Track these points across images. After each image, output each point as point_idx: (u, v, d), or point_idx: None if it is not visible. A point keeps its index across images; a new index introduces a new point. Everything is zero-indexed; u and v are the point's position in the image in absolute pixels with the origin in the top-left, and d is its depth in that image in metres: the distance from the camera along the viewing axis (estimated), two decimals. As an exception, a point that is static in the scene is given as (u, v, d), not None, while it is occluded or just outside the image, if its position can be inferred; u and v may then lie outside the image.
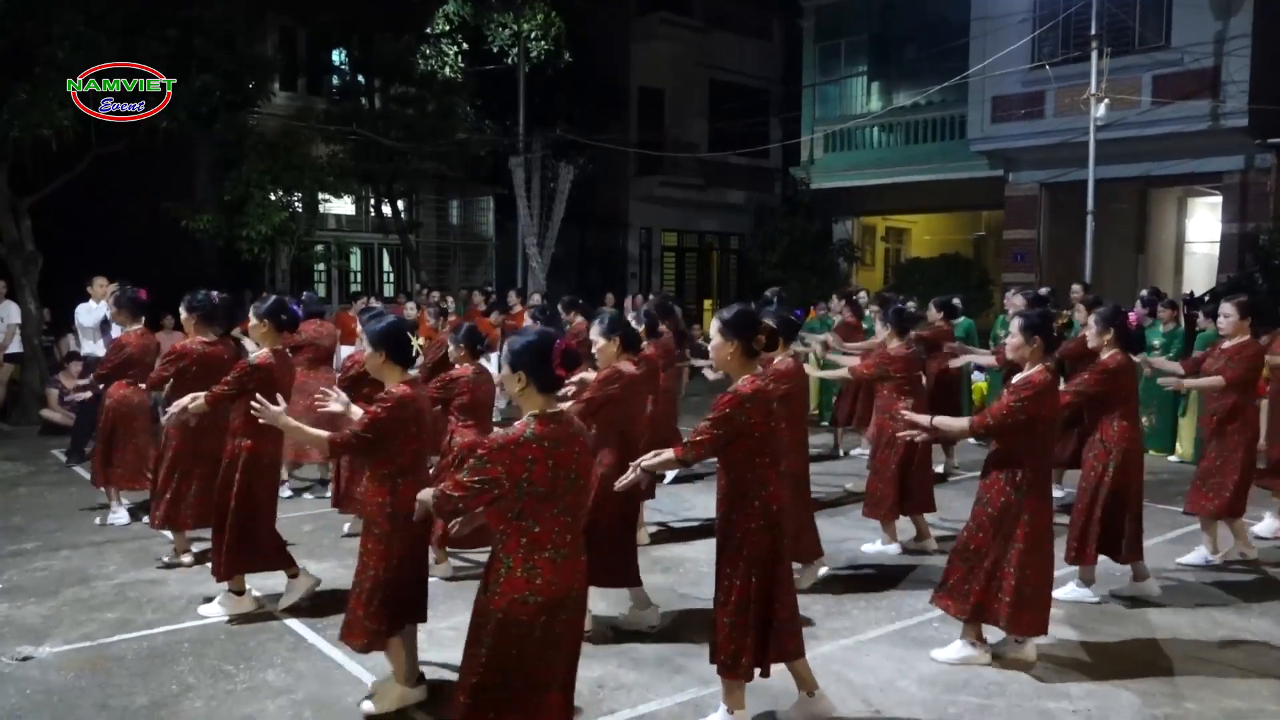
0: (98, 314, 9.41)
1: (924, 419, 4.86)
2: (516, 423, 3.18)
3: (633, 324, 6.01)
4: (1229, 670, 4.74)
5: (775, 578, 3.90)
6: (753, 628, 3.84)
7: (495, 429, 5.14)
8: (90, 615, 5.36)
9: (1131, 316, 5.73)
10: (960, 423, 4.82)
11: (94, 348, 9.45)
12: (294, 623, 5.23)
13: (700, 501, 7.72)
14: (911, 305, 11.77)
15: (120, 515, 7.29)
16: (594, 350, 5.24)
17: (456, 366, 5.88)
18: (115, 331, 9.48)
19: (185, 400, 5.34)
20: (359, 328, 4.47)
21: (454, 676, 4.32)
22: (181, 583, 5.92)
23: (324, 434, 4.23)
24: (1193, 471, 6.66)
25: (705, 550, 6.54)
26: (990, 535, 4.58)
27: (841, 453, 10.18)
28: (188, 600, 5.59)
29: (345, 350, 11.11)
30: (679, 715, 4.21)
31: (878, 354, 6.71)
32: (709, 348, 4.09)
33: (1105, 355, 5.55)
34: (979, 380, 11.06)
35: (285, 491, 7.75)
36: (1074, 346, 7.40)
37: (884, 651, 4.94)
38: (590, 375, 5.37)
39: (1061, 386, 5.96)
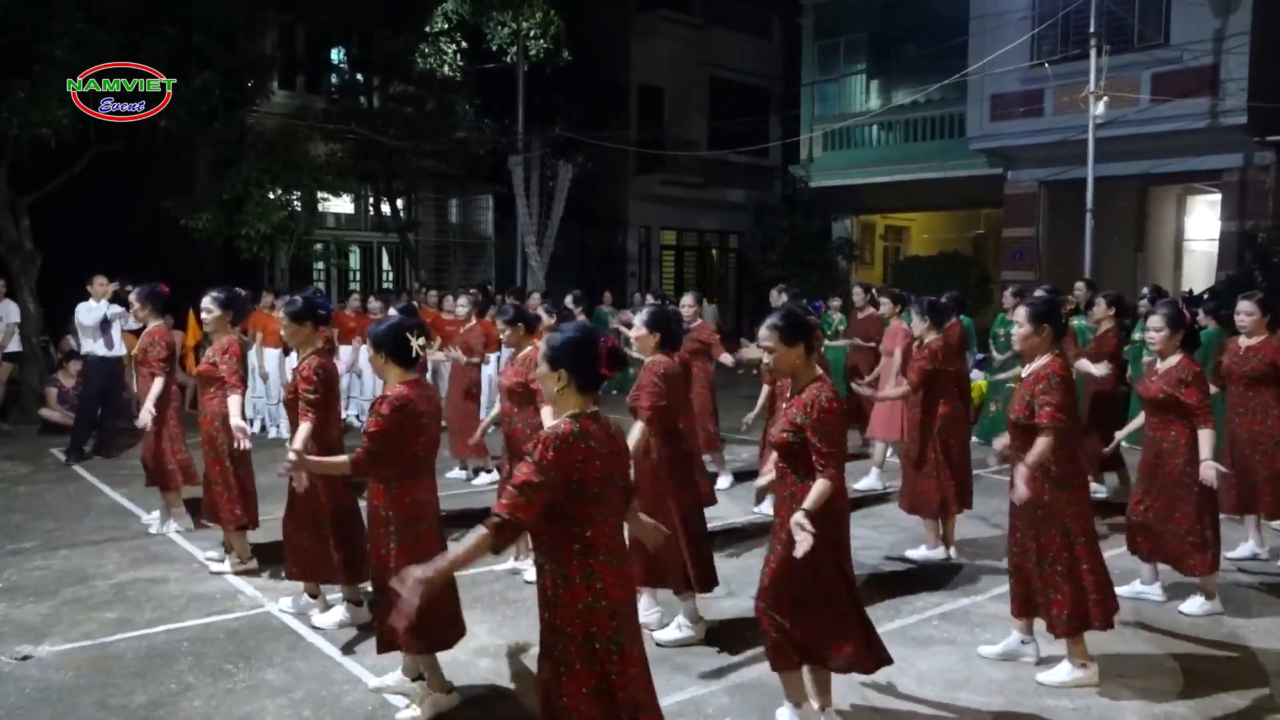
0: (98, 313, 9.39)
1: (1022, 468, 4.35)
2: (560, 422, 2.99)
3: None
4: (1230, 669, 4.73)
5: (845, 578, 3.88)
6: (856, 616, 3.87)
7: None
8: (89, 614, 5.36)
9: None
10: (1040, 446, 4.34)
11: (93, 347, 9.44)
12: (293, 622, 5.23)
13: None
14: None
15: (174, 526, 7.04)
16: (633, 339, 5.20)
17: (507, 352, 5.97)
18: (116, 329, 9.48)
19: (303, 435, 4.91)
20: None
21: (449, 676, 4.33)
22: (181, 582, 5.92)
23: (344, 459, 4.23)
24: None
25: (721, 557, 6.54)
26: (1044, 539, 4.44)
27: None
28: (187, 600, 5.59)
29: (345, 350, 11.13)
30: (678, 713, 4.20)
31: (920, 354, 6.48)
32: (766, 358, 3.93)
33: (1179, 358, 5.26)
34: (978, 379, 11.06)
35: None
36: (1107, 345, 7.39)
37: (884, 650, 4.93)
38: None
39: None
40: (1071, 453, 4.50)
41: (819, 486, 3.66)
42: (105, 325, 9.40)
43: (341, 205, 18.67)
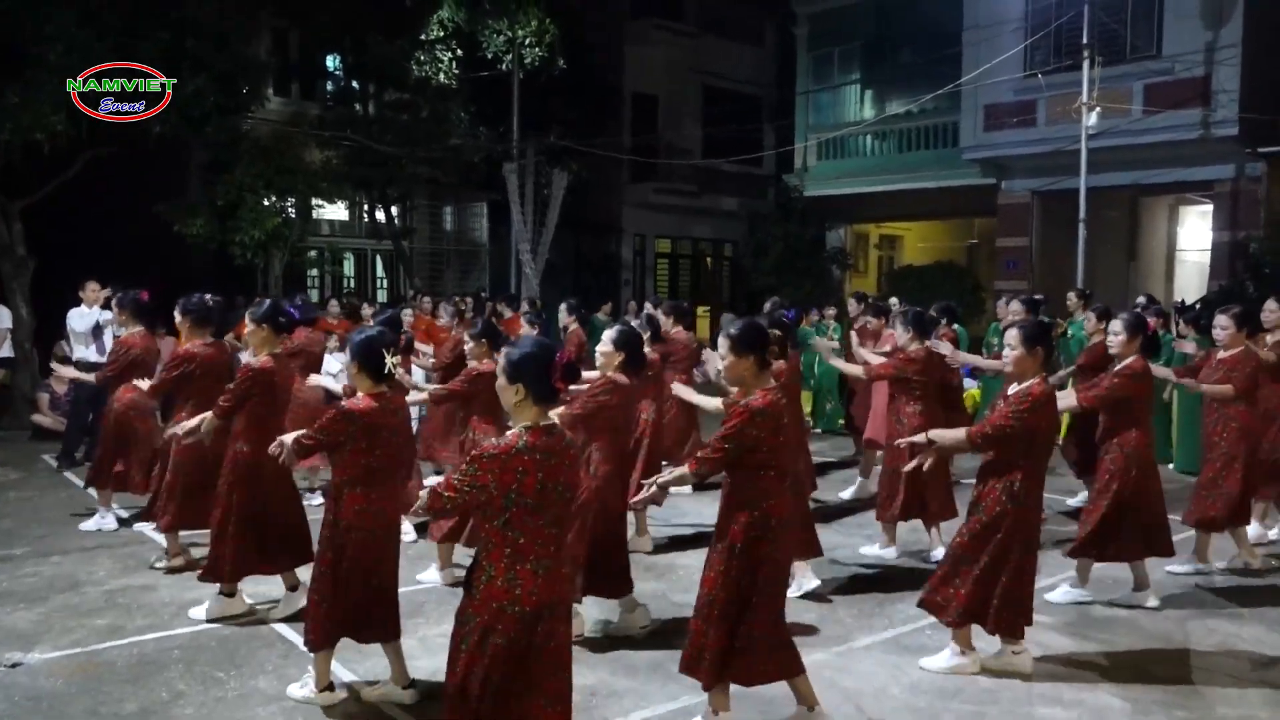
0: (90, 319, 9.36)
1: (920, 436, 4.85)
2: (509, 432, 3.18)
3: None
4: (1221, 677, 4.74)
5: (755, 590, 3.88)
6: (722, 636, 3.88)
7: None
8: (80, 621, 5.33)
9: (1150, 322, 5.76)
10: (958, 434, 4.75)
11: (86, 352, 9.41)
12: (285, 629, 5.21)
13: (693, 509, 7.70)
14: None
15: (109, 521, 7.24)
16: (598, 352, 5.22)
17: (473, 364, 5.98)
18: (109, 335, 9.45)
19: (193, 422, 5.39)
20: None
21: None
22: (172, 589, 5.89)
23: (290, 436, 4.32)
24: (1184, 481, 6.67)
25: (697, 558, 6.53)
26: (982, 542, 4.57)
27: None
28: (178, 606, 5.56)
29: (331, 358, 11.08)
30: (671, 722, 4.20)
31: (898, 355, 6.67)
32: (719, 365, 4.08)
33: (1130, 359, 5.54)
34: (971, 387, 11.07)
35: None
36: (1095, 355, 7.45)
37: (876, 658, 4.94)
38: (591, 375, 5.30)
39: (1070, 391, 6.00)
40: (1038, 475, 4.64)
41: (679, 471, 3.99)
42: (97, 331, 9.38)
43: (336, 212, 18.66)
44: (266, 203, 14.38)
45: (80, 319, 9.42)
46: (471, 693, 3.12)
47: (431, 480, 5.89)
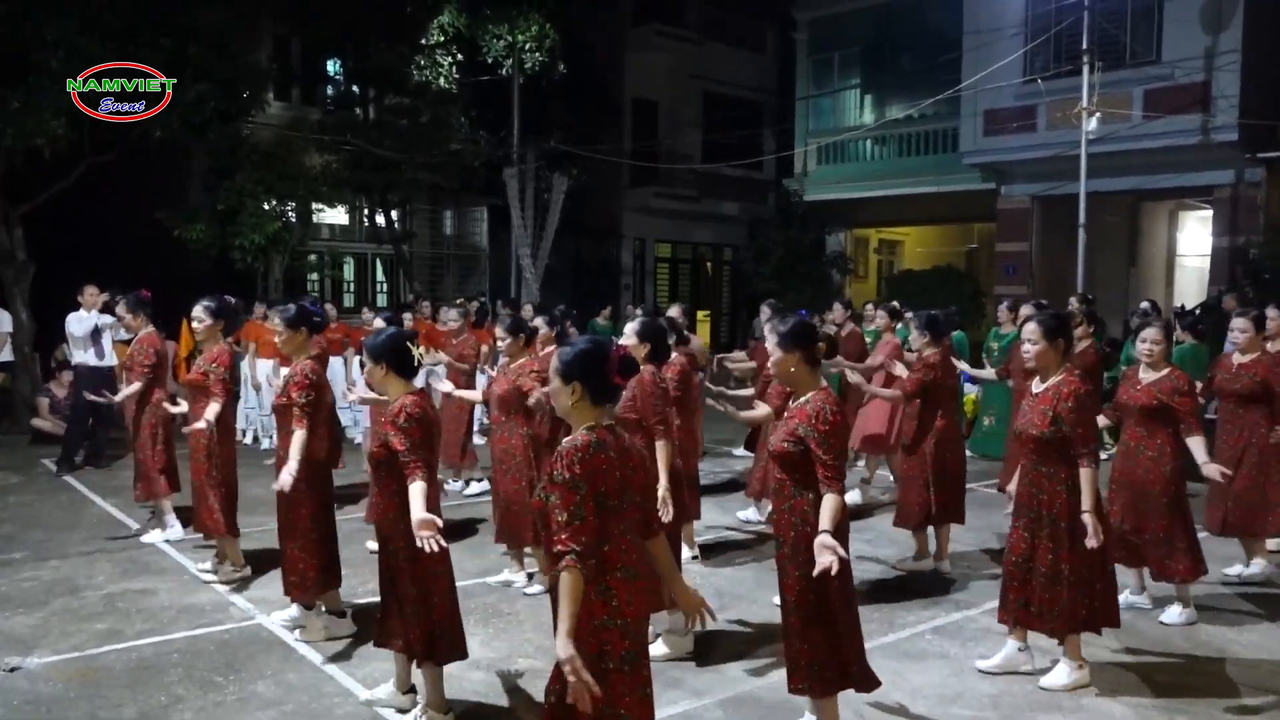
0: (88, 323, 9.37)
1: (1088, 520, 4.36)
2: (577, 434, 2.95)
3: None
4: (1222, 685, 4.73)
5: (835, 593, 3.77)
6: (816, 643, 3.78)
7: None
8: (79, 626, 5.33)
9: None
10: (1088, 479, 4.37)
11: (84, 357, 9.41)
12: (284, 634, 5.21)
13: (705, 515, 7.63)
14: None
15: (176, 529, 7.02)
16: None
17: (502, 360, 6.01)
18: (108, 339, 9.45)
19: (295, 448, 4.95)
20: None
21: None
22: (172, 593, 5.89)
23: (423, 486, 3.91)
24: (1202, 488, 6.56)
25: (694, 565, 6.54)
26: (1069, 547, 4.46)
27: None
28: (177, 611, 5.56)
29: (334, 360, 11.10)
30: (671, 728, 4.19)
31: (916, 364, 6.49)
32: (770, 363, 3.96)
33: (1169, 369, 5.39)
34: (971, 392, 11.08)
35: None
36: (1087, 361, 7.44)
37: (877, 664, 4.88)
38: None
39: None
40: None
41: (831, 503, 3.57)
42: (96, 335, 9.38)
43: (336, 216, 18.67)
44: (266, 207, 14.40)
45: (79, 323, 9.41)
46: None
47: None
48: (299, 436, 4.92)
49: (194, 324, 6.16)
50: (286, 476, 4.83)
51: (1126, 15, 15.79)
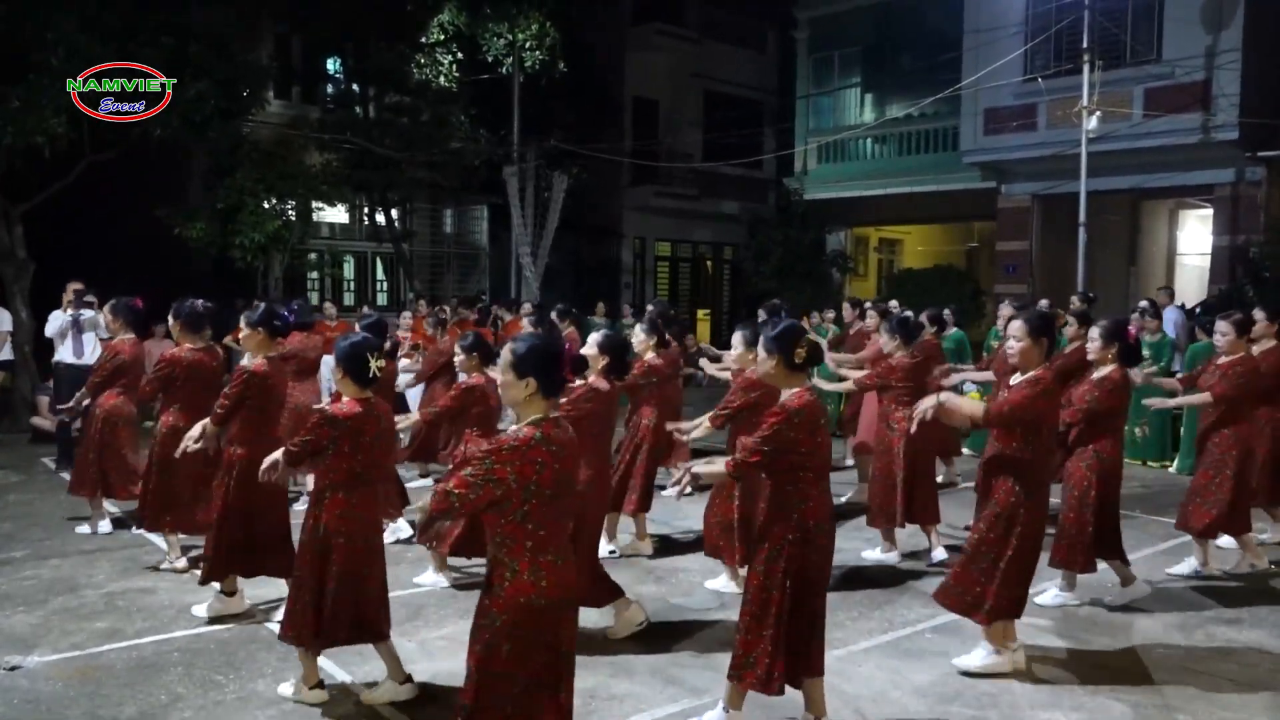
0: (58, 320, 9.41)
1: (931, 398, 4.74)
2: (521, 427, 3.13)
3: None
4: (1221, 681, 4.74)
5: (806, 592, 3.88)
6: (771, 640, 3.83)
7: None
8: (79, 624, 5.33)
9: (1130, 330, 5.72)
10: (973, 406, 4.76)
11: (62, 354, 9.42)
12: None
13: (695, 512, 7.65)
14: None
15: (104, 525, 7.23)
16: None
17: (464, 376, 6.03)
18: (89, 337, 9.39)
19: (195, 432, 5.36)
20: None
21: (444, 684, 4.34)
22: (171, 592, 5.89)
23: (278, 454, 4.34)
24: (1184, 483, 6.65)
25: (698, 561, 6.55)
26: (998, 535, 4.58)
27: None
28: (177, 610, 5.56)
29: (328, 360, 11.08)
30: (671, 726, 4.20)
31: (881, 364, 6.70)
32: (757, 363, 4.11)
33: (1109, 369, 5.51)
34: (972, 390, 11.07)
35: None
36: (1072, 360, 7.41)
37: (876, 662, 4.93)
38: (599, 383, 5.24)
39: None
40: (1045, 466, 4.68)
41: (716, 468, 3.98)
42: (78, 331, 9.33)
43: (336, 215, 18.67)
44: (266, 206, 14.40)
45: (51, 321, 9.47)
46: (501, 692, 3.09)
47: (416, 484, 5.95)
48: (204, 423, 5.30)
49: (239, 335, 6.16)
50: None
51: (1127, 14, 15.78)
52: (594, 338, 5.32)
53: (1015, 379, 4.70)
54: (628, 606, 5.24)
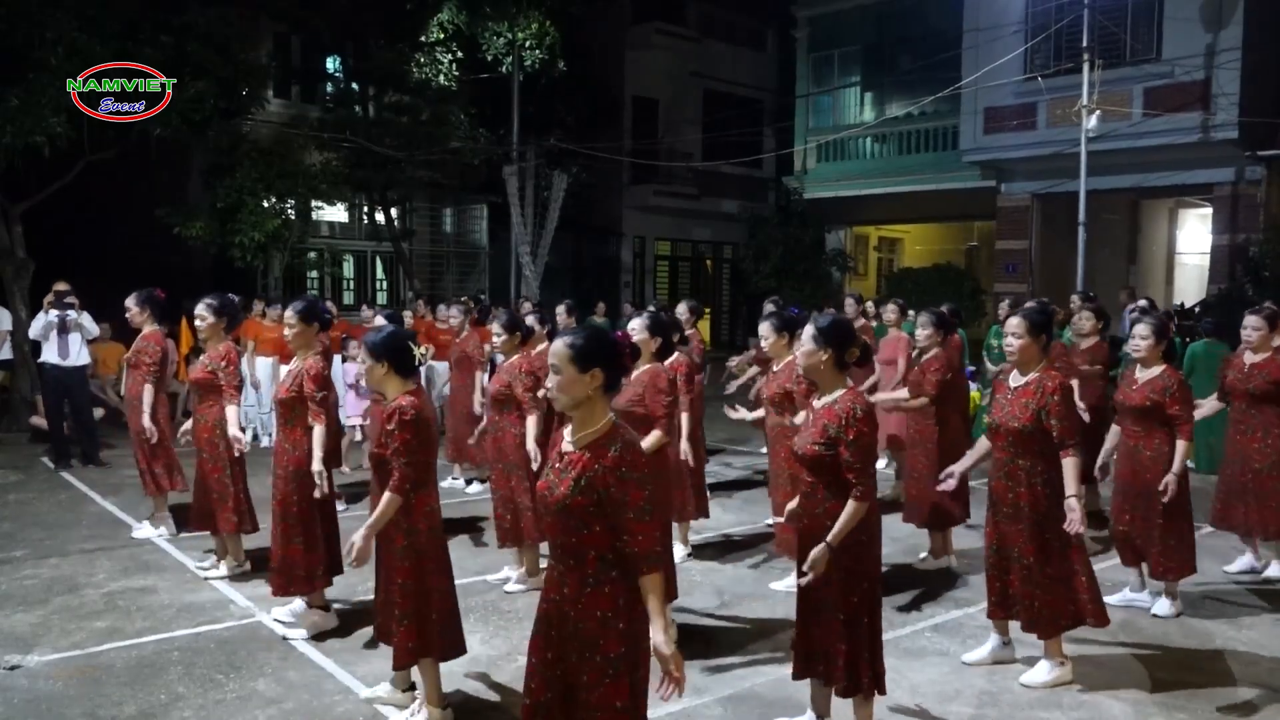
0: (40, 321, 9.41)
1: (1073, 506, 4.40)
2: (620, 430, 2.82)
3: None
4: (1222, 681, 4.73)
5: (865, 592, 3.85)
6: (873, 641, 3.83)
7: None
8: (79, 624, 5.33)
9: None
10: (1071, 467, 4.38)
11: (47, 354, 9.42)
12: (284, 631, 5.20)
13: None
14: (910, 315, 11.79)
15: (168, 528, 7.06)
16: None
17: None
18: (75, 338, 9.38)
19: (318, 460, 5.09)
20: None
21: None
22: (171, 591, 5.89)
23: (395, 499, 3.93)
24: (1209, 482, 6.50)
25: (698, 561, 6.55)
26: (1046, 541, 4.46)
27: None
28: (178, 609, 5.56)
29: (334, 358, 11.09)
30: (671, 725, 4.19)
31: (931, 365, 6.31)
32: (799, 353, 3.93)
33: (1163, 367, 5.31)
34: (974, 389, 11.07)
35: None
36: (1099, 354, 7.34)
37: (876, 661, 4.92)
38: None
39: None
40: (1058, 462, 4.54)
41: (849, 511, 3.61)
42: (62, 332, 9.32)
43: (336, 214, 18.67)
44: (266, 205, 14.39)
45: (34, 324, 9.49)
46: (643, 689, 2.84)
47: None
48: (318, 432, 5.06)
49: (197, 322, 6.11)
50: (316, 475, 5.05)
51: (1127, 13, 15.79)
52: (639, 320, 5.08)
53: (1015, 379, 4.60)
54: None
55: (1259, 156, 15.09)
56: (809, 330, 3.84)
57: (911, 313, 11.93)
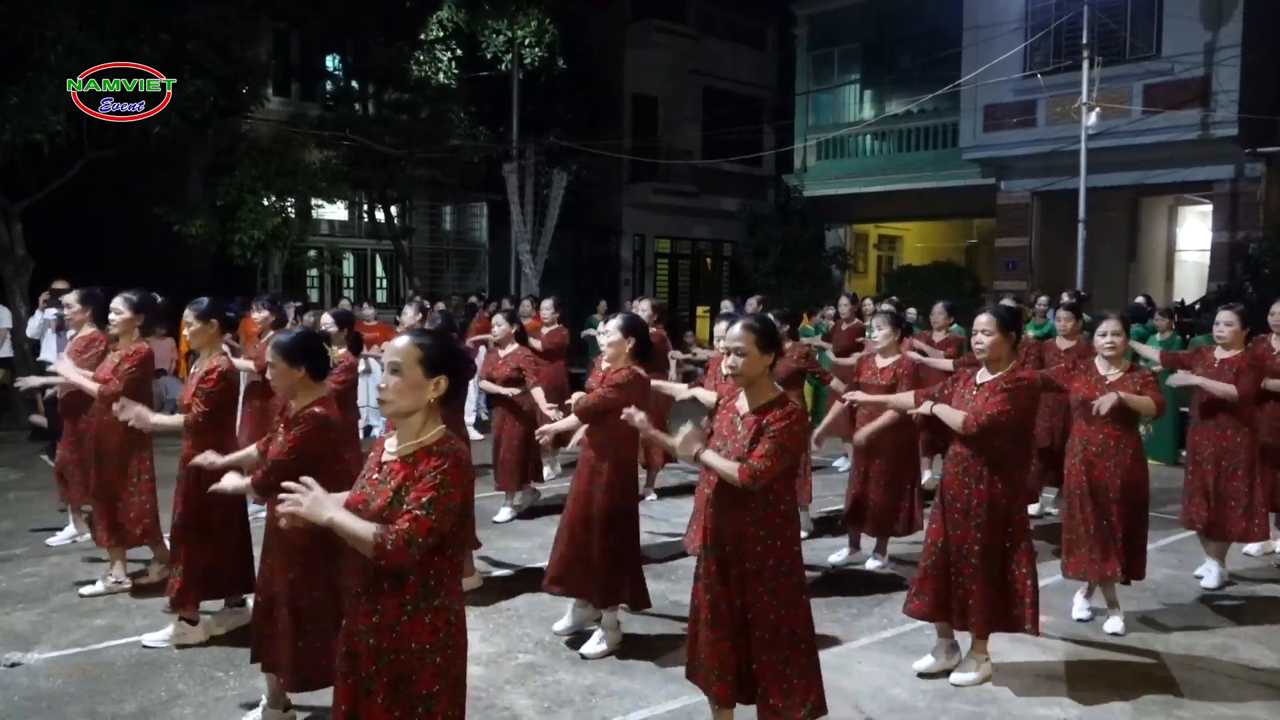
0: (36, 321, 9.42)
1: (924, 405, 4.69)
2: (442, 440, 2.70)
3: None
4: (1220, 681, 4.74)
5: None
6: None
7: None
8: (79, 621, 5.33)
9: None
10: (955, 416, 4.50)
11: (46, 354, 9.43)
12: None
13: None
14: (911, 313, 11.79)
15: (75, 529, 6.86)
16: (605, 344, 4.93)
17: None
18: (53, 337, 9.39)
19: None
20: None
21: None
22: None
23: (244, 483, 3.76)
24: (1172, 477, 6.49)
25: (683, 562, 6.54)
26: (991, 541, 4.46)
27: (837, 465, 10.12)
28: (178, 607, 5.55)
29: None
30: (671, 723, 4.20)
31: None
32: (732, 360, 3.61)
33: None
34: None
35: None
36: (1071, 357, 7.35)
37: (875, 659, 4.94)
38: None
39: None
40: (1025, 459, 4.56)
41: (729, 464, 3.45)
42: (59, 330, 9.31)
43: (335, 212, 18.67)
44: (266, 203, 14.39)
45: (31, 323, 9.50)
46: None
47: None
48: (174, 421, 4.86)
49: (110, 316, 5.64)
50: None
51: (1126, 10, 15.79)
52: (614, 321, 4.95)
53: (983, 375, 4.54)
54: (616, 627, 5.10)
55: (1259, 154, 15.08)
56: (739, 331, 3.60)
57: (912, 311, 11.94)
